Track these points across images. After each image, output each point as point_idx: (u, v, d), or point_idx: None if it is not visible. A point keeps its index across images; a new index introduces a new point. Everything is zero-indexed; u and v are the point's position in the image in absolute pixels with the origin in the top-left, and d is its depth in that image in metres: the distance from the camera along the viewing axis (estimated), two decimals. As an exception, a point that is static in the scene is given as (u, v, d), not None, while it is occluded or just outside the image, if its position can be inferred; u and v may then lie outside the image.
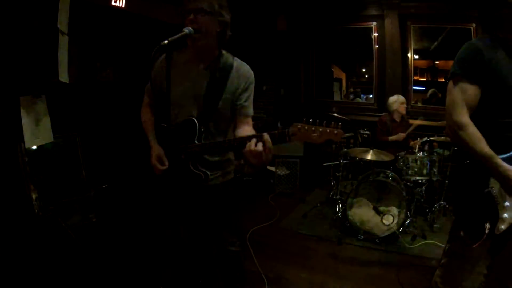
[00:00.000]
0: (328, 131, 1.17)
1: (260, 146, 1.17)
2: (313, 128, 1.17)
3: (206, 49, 1.44)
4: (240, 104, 1.48)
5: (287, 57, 5.04)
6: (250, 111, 1.52)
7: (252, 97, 1.52)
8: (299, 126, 1.17)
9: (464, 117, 1.29)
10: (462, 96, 1.30)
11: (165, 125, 1.48)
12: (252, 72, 1.52)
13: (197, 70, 1.48)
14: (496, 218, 1.28)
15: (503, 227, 1.27)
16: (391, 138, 3.53)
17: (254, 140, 1.19)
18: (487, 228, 1.29)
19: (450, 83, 1.36)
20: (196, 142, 1.42)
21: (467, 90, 1.29)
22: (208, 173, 1.46)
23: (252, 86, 1.52)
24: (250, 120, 1.52)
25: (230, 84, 1.46)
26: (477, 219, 1.33)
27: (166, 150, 1.50)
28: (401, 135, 3.51)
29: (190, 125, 1.44)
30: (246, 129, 1.45)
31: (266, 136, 1.18)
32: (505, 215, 1.27)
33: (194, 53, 1.47)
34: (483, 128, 1.29)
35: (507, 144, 1.28)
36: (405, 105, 3.65)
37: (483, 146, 1.25)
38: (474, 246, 1.32)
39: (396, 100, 3.66)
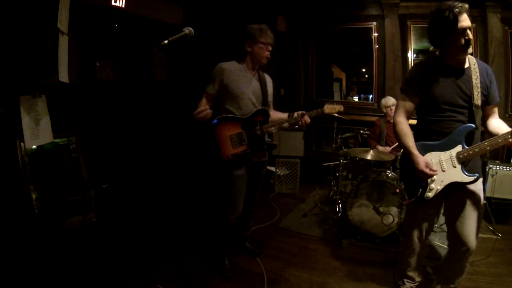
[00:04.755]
0: (339, 106, 2.39)
1: (306, 118, 2.21)
2: (333, 105, 2.36)
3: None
4: (271, 100, 2.38)
5: (287, 57, 5.04)
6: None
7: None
8: (327, 105, 2.34)
9: (399, 117, 1.83)
10: (402, 103, 1.85)
11: (234, 113, 2.19)
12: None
13: (250, 77, 2.25)
14: (425, 188, 1.75)
15: (430, 194, 1.74)
16: (381, 148, 3.45)
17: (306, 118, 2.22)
18: (418, 193, 1.77)
19: (400, 92, 1.88)
20: (268, 123, 2.23)
21: (406, 100, 1.83)
22: (275, 143, 2.41)
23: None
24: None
25: (267, 87, 2.33)
26: (413, 186, 1.81)
27: (247, 132, 2.20)
28: (387, 149, 3.43)
29: (263, 113, 2.23)
30: (275, 112, 2.39)
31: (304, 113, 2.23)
32: (432, 185, 1.74)
33: (252, 68, 2.26)
34: (419, 121, 1.86)
35: (430, 132, 1.78)
36: (392, 108, 3.54)
37: (405, 138, 1.77)
38: (405, 203, 1.93)
39: (383, 104, 3.63)
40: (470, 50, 1.66)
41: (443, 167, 1.73)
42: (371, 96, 4.84)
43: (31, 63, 2.13)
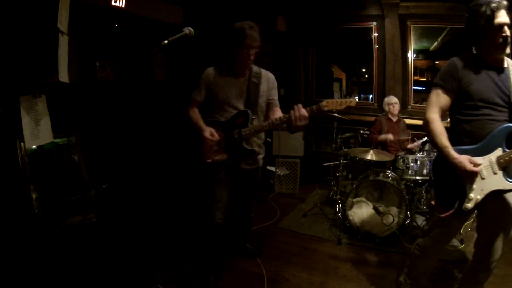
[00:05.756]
0: (345, 101, 1.84)
1: (302, 110, 1.75)
2: (338, 101, 1.83)
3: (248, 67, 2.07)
4: (272, 98, 2.15)
5: (287, 57, 5.04)
6: (278, 102, 2.19)
7: (277, 92, 2.19)
8: (328, 101, 1.82)
9: (433, 115, 1.65)
10: (436, 99, 1.68)
11: (218, 119, 2.06)
12: (273, 76, 2.19)
13: (238, 79, 2.07)
14: (464, 197, 1.57)
15: (469, 205, 1.56)
16: (380, 137, 3.50)
17: (296, 108, 1.76)
18: (456, 205, 1.58)
19: (432, 88, 1.73)
20: (248, 125, 1.98)
21: (441, 96, 1.67)
22: (256, 149, 2.07)
23: (276, 84, 2.20)
24: (278, 108, 2.17)
25: (263, 86, 2.10)
26: (449, 196, 1.63)
27: (225, 135, 2.02)
28: (389, 136, 3.46)
29: (244, 115, 2.00)
30: (278, 113, 2.09)
31: (300, 105, 1.77)
32: (472, 195, 1.55)
33: (237, 69, 2.05)
34: (451, 123, 1.70)
35: (463, 134, 1.63)
36: (395, 106, 3.60)
37: (441, 138, 1.59)
38: (441, 216, 1.65)
39: (386, 102, 3.65)
40: (508, 50, 1.56)
41: (483, 175, 1.55)
42: (371, 96, 4.83)
43: (32, 63, 2.13)
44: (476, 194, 1.55)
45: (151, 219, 3.09)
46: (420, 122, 3.84)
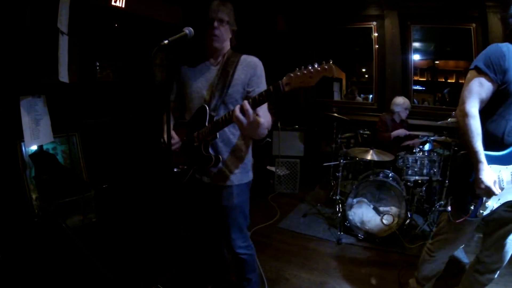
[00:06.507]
0: (319, 69, 1.23)
1: (242, 103, 1.32)
2: (304, 72, 1.23)
3: (217, 50, 1.65)
4: (253, 89, 1.61)
5: (287, 57, 5.04)
6: None
7: (263, 82, 1.65)
8: (291, 74, 1.26)
9: (473, 109, 1.42)
10: (478, 89, 1.43)
11: (184, 120, 1.74)
12: (259, 61, 1.68)
13: (208, 67, 1.68)
14: (479, 204, 1.46)
15: (484, 212, 1.47)
16: (393, 133, 3.49)
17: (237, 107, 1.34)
18: (470, 210, 1.47)
19: (472, 74, 1.47)
20: (206, 125, 1.57)
21: (484, 86, 1.42)
22: (213, 156, 1.60)
23: (261, 72, 1.66)
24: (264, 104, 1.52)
25: (238, 74, 1.61)
26: (465, 200, 1.50)
27: (186, 139, 1.70)
28: (401, 132, 3.47)
29: (202, 112, 1.61)
30: (262, 110, 1.57)
31: (244, 102, 1.33)
32: (488, 203, 1.45)
33: (206, 55, 1.70)
34: (482, 120, 1.44)
35: (485, 134, 1.44)
36: (408, 111, 3.60)
37: (476, 140, 1.40)
38: (456, 221, 1.54)
39: (401, 104, 3.57)
40: None
41: (502, 185, 1.47)
42: (371, 96, 4.84)
43: (32, 63, 2.13)
44: (493, 202, 1.47)
45: (151, 219, 3.09)
46: (420, 122, 3.87)
